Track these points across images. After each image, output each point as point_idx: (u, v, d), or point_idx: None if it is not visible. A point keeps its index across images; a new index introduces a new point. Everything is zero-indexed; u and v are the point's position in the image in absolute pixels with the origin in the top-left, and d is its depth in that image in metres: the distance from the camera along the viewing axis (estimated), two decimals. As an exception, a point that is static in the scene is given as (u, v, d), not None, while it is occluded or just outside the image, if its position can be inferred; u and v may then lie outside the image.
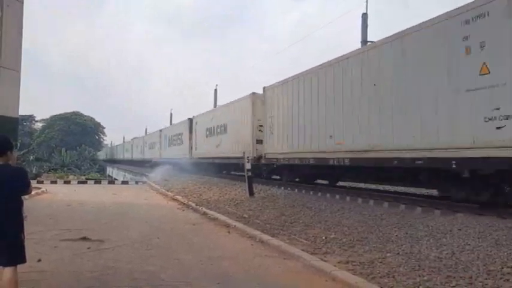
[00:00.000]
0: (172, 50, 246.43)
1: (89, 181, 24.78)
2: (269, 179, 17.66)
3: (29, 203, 10.40)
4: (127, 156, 54.86)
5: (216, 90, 35.73)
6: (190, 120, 28.76)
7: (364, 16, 19.62)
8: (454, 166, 8.29)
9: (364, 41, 18.99)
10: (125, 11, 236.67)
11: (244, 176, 14.14)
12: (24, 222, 3.62)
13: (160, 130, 38.21)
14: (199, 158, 26.21)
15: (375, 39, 12.94)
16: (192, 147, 28.01)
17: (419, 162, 9.05)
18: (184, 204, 12.29)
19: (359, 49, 12.85)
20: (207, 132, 24.73)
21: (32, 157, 43.34)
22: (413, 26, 9.46)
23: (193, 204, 11.63)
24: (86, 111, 72.26)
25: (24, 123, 63.86)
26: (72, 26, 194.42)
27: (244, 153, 14.96)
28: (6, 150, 3.56)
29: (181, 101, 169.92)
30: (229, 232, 7.91)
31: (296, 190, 14.20)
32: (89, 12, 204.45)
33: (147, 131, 50.91)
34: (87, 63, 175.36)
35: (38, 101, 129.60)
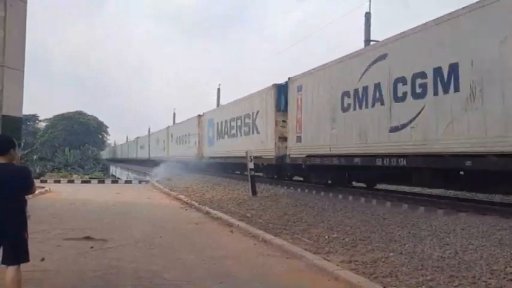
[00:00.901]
0: (172, 50, 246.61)
1: (92, 180, 24.83)
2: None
3: (32, 202, 10.43)
4: (141, 155, 45.37)
5: (219, 89, 35.63)
6: (278, 87, 15.82)
7: (368, 15, 19.60)
8: None
9: (367, 41, 18.96)
10: (125, 11, 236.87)
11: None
12: (28, 221, 3.64)
13: (200, 115, 26.59)
14: (309, 155, 13.32)
15: (379, 38, 12.33)
16: (283, 138, 15.31)
17: None
18: (187, 203, 12.29)
19: None
20: (347, 103, 11.54)
21: (35, 156, 43.55)
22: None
23: (196, 204, 11.63)
24: (88, 111, 72.22)
25: (28, 123, 64.03)
26: (72, 26, 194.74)
27: (246, 152, 14.29)
28: (8, 149, 3.57)
29: (182, 101, 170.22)
30: (232, 231, 7.91)
31: (299, 189, 14.18)
32: (89, 12, 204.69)
33: (150, 131, 50.15)
34: (88, 63, 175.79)
35: (40, 100, 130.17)
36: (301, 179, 16.05)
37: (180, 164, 27.31)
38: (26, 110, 62.17)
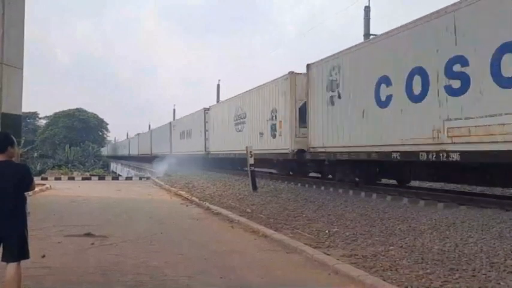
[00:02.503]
0: (174, 48, 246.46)
1: (93, 177, 24.88)
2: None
3: (33, 199, 10.46)
4: (184, 148, 29.42)
5: (218, 85, 35.59)
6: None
7: (367, 9, 19.53)
8: None
9: (367, 34, 18.91)
10: (129, 8, 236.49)
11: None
12: (28, 218, 3.64)
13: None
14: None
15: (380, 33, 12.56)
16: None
17: None
18: (187, 199, 12.31)
19: None
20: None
21: (36, 154, 43.55)
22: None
23: (197, 199, 11.65)
24: (87, 108, 71.99)
25: (28, 120, 63.97)
26: (75, 23, 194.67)
27: (247, 147, 14.45)
28: (6, 146, 3.55)
29: (182, 100, 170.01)
30: (232, 227, 7.92)
31: (299, 184, 14.20)
32: (93, 10, 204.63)
33: (150, 128, 49.82)
34: (88, 62, 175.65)
35: (40, 98, 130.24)
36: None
37: None
38: (26, 107, 62.12)
